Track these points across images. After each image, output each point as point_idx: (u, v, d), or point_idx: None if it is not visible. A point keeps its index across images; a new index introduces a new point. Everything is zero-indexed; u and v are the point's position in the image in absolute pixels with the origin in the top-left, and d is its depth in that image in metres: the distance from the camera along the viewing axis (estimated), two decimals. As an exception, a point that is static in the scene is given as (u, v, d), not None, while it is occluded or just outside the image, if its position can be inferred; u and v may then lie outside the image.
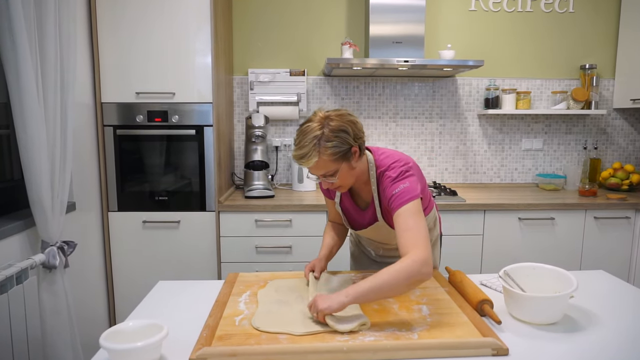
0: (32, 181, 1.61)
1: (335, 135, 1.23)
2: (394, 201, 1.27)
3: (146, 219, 2.39)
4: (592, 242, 2.50)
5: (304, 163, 1.24)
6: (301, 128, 1.27)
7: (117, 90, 2.31)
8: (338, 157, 1.24)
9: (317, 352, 1.00)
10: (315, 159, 1.22)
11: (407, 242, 1.19)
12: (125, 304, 2.45)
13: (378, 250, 1.62)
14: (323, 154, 1.22)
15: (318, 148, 1.22)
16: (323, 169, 1.26)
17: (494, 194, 2.70)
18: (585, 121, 3.01)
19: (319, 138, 1.22)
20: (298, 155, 1.24)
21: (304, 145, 1.22)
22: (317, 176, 1.31)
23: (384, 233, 1.46)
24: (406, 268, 1.12)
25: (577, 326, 1.17)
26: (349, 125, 1.26)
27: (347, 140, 1.25)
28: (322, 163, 1.24)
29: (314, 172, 1.29)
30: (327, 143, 1.22)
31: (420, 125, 2.98)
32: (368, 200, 1.43)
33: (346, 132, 1.25)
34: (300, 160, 1.24)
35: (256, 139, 2.65)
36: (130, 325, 1.02)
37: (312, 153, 1.21)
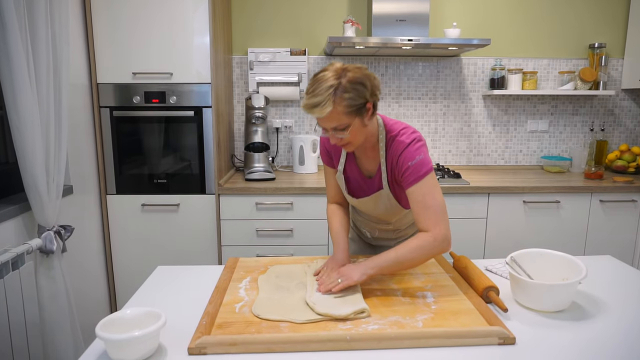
0: (26, 164, 1.57)
1: (352, 86, 1.16)
2: (411, 174, 1.24)
3: (145, 202, 2.36)
4: (597, 226, 2.46)
5: (316, 112, 1.16)
6: (315, 77, 1.19)
7: (113, 71, 2.25)
8: (352, 110, 1.18)
9: (319, 341, 0.98)
10: (329, 109, 1.15)
11: (428, 221, 1.22)
12: (125, 287, 2.44)
13: (374, 232, 1.58)
14: (338, 104, 1.16)
15: (333, 98, 1.15)
16: (335, 121, 1.19)
17: (498, 176, 2.65)
18: (592, 102, 2.95)
19: (336, 88, 1.15)
20: (311, 103, 1.16)
21: (318, 94, 1.15)
22: (326, 130, 1.24)
23: (385, 204, 1.40)
24: (427, 245, 1.20)
25: (584, 314, 1.14)
26: (367, 79, 1.20)
27: (363, 94, 1.18)
28: (336, 115, 1.17)
29: (324, 124, 1.22)
30: (344, 94, 1.16)
31: (423, 106, 2.92)
32: (373, 168, 1.38)
33: (364, 85, 1.18)
34: (313, 109, 1.16)
35: (256, 120, 2.60)
36: (128, 314, 1.00)
37: (327, 102, 1.15)
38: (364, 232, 1.62)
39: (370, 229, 1.58)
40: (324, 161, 1.49)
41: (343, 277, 1.16)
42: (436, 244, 1.19)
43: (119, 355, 0.91)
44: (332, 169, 1.47)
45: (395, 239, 1.59)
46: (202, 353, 0.96)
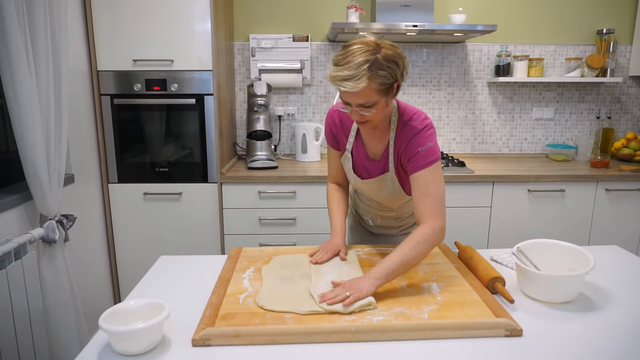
0: (26, 153, 1.55)
1: (387, 64, 1.12)
2: (418, 160, 1.23)
3: (147, 191, 2.35)
4: (602, 215, 2.45)
5: (347, 86, 1.11)
6: (349, 49, 1.13)
7: (114, 58, 2.22)
8: (383, 89, 1.14)
9: (324, 332, 0.97)
10: (364, 85, 1.10)
11: (427, 209, 1.21)
12: (128, 276, 2.44)
13: (376, 220, 1.57)
14: (373, 81, 1.11)
15: (369, 73, 1.10)
16: (365, 97, 1.14)
17: (503, 164, 2.63)
18: (599, 89, 2.91)
19: (372, 63, 1.10)
20: (344, 76, 1.10)
21: (352, 67, 1.09)
22: (348, 105, 1.19)
23: (389, 188, 1.39)
24: (428, 239, 1.18)
25: (591, 305, 1.13)
26: (400, 59, 1.16)
27: (395, 73, 1.14)
28: (367, 91, 1.13)
29: (350, 99, 1.16)
30: (379, 71, 1.11)
31: (427, 93, 2.88)
32: (379, 150, 1.35)
33: (397, 64, 1.14)
34: (345, 81, 1.10)
35: (258, 107, 2.57)
36: (131, 305, 0.99)
37: (362, 77, 1.09)
38: (366, 219, 1.60)
39: (372, 216, 1.57)
40: (327, 140, 1.47)
41: (352, 291, 1.08)
42: (434, 236, 1.18)
43: (122, 347, 0.90)
44: (335, 150, 1.46)
45: (397, 227, 1.58)
46: (206, 344, 0.95)
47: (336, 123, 1.42)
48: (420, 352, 0.94)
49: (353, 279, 1.14)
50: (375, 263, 1.34)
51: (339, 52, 1.16)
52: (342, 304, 1.05)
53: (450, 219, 2.40)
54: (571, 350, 0.94)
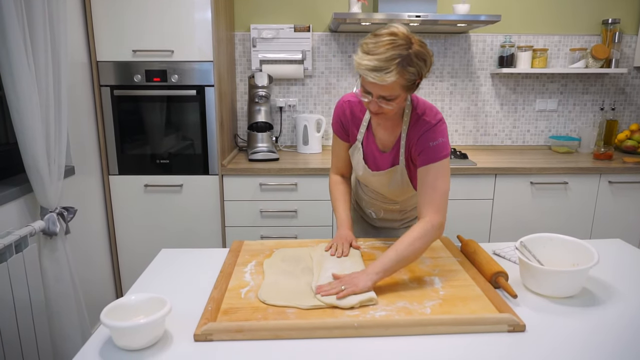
0: (26, 145, 1.54)
1: (417, 62, 1.10)
2: (429, 153, 1.23)
3: (148, 183, 2.34)
4: (605, 208, 2.44)
5: (376, 77, 1.08)
6: (381, 39, 1.09)
7: (113, 48, 2.19)
8: (409, 85, 1.13)
9: (326, 328, 0.96)
10: (394, 79, 1.08)
11: (430, 204, 1.22)
12: (129, 268, 2.44)
13: (379, 213, 1.56)
14: (402, 77, 1.09)
15: (399, 69, 1.08)
16: (390, 91, 1.12)
17: (505, 157, 2.61)
18: (603, 80, 2.88)
19: (403, 58, 1.08)
20: (373, 66, 1.07)
21: (384, 59, 1.07)
22: (368, 94, 1.16)
23: (397, 181, 1.38)
24: (426, 235, 1.18)
25: (595, 300, 1.12)
26: (429, 57, 1.14)
27: (421, 71, 1.13)
28: (394, 85, 1.11)
29: (374, 90, 1.14)
30: (409, 67, 1.09)
31: (430, 84, 2.85)
32: (389, 142, 1.35)
33: (425, 62, 1.13)
34: (374, 72, 1.08)
35: (259, 99, 2.55)
36: (133, 299, 0.98)
37: (393, 72, 1.07)
38: (368, 212, 1.60)
39: (375, 209, 1.56)
40: (334, 130, 1.45)
41: (347, 285, 1.08)
42: (433, 232, 1.19)
43: (124, 342, 0.90)
44: (343, 141, 1.45)
45: (400, 220, 1.57)
46: (208, 339, 0.95)
47: (347, 114, 1.40)
48: (422, 347, 0.94)
49: (352, 273, 1.14)
50: (377, 256, 1.34)
51: (368, 40, 1.12)
52: (336, 296, 1.06)
53: (452, 212, 2.40)
54: (574, 346, 0.94)
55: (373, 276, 1.11)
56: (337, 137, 1.46)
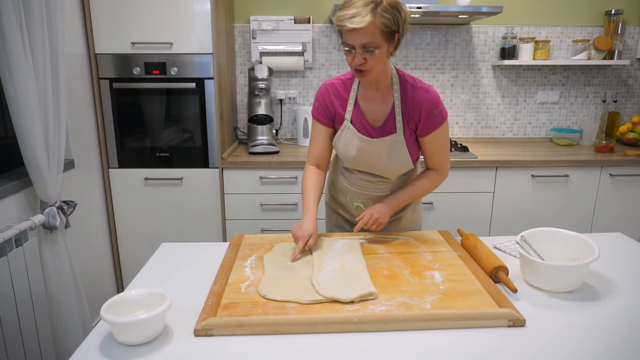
0: (25, 139, 1.53)
1: (391, 8, 1.20)
2: (434, 120, 1.34)
3: (148, 176, 2.34)
4: (606, 201, 2.43)
5: (355, 22, 1.17)
6: None
7: (111, 40, 2.18)
8: (387, 31, 1.21)
9: (326, 323, 0.97)
10: (370, 20, 1.17)
11: (441, 161, 1.44)
12: (130, 261, 2.45)
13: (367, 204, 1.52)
14: (377, 20, 1.18)
15: (374, 12, 1.17)
16: (369, 36, 1.19)
17: (506, 149, 2.60)
18: (605, 72, 2.86)
19: (377, 4, 1.18)
20: (349, 14, 1.17)
21: (359, 6, 1.17)
22: (352, 48, 1.22)
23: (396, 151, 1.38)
24: (437, 182, 1.47)
25: (595, 294, 1.12)
26: (403, 9, 1.23)
27: (397, 20, 1.21)
28: (372, 29, 1.18)
29: (355, 40, 1.20)
30: (384, 13, 1.19)
31: (431, 77, 2.84)
32: (381, 115, 1.38)
33: (399, 11, 1.22)
34: (352, 19, 1.17)
35: (259, 91, 2.53)
36: (133, 294, 0.99)
37: (368, 14, 1.16)
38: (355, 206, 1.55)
39: (363, 199, 1.53)
40: (316, 117, 1.45)
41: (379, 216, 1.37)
42: (442, 178, 1.47)
43: (124, 337, 0.90)
44: (325, 127, 1.44)
45: None
46: (208, 334, 0.95)
47: (331, 96, 1.42)
48: (422, 342, 0.94)
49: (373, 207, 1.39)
50: (378, 250, 1.34)
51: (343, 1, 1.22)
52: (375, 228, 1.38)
53: (452, 205, 2.40)
54: (574, 340, 0.94)
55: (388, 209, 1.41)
56: (318, 123, 1.46)
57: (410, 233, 1.48)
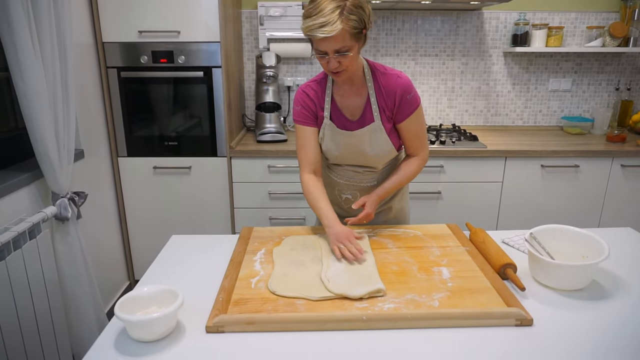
0: (35, 131, 1.54)
1: (356, 9, 1.20)
2: (408, 105, 1.36)
3: (157, 165, 2.35)
4: (616, 192, 2.41)
5: (325, 31, 1.17)
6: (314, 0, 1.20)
7: (119, 29, 2.16)
8: (355, 33, 1.22)
9: (336, 320, 0.98)
10: (340, 27, 1.17)
11: (419, 146, 1.46)
12: (140, 249, 2.48)
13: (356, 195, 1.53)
14: (346, 24, 1.18)
15: (341, 17, 1.17)
16: (341, 42, 1.20)
17: (516, 138, 2.58)
18: (620, 59, 2.80)
19: (342, 8, 1.18)
20: (318, 23, 1.17)
21: (326, 14, 1.17)
22: (325, 54, 1.23)
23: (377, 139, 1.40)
24: (419, 167, 1.47)
25: (603, 292, 1.12)
26: (365, 4, 1.24)
27: (363, 18, 1.23)
28: (342, 35, 1.19)
29: (327, 47, 1.21)
30: (350, 15, 1.19)
31: (441, 63, 2.80)
32: (358, 108, 1.41)
33: (363, 10, 1.23)
34: (322, 29, 1.17)
35: (267, 79, 2.52)
36: (145, 291, 1.00)
37: (337, 21, 1.16)
38: (344, 198, 1.56)
39: (352, 191, 1.54)
40: (300, 121, 1.44)
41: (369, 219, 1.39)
42: (423, 163, 1.48)
43: (138, 334, 0.92)
44: (312, 127, 1.44)
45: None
46: (220, 331, 0.97)
47: (311, 97, 1.44)
48: (430, 340, 0.95)
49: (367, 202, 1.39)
50: (387, 245, 1.35)
51: (308, 6, 1.21)
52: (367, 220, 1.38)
53: (460, 194, 2.39)
54: (581, 341, 0.94)
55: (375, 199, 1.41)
56: (305, 127, 1.44)
57: (418, 227, 1.49)
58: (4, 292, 1.37)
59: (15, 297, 1.42)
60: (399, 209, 1.60)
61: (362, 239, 1.35)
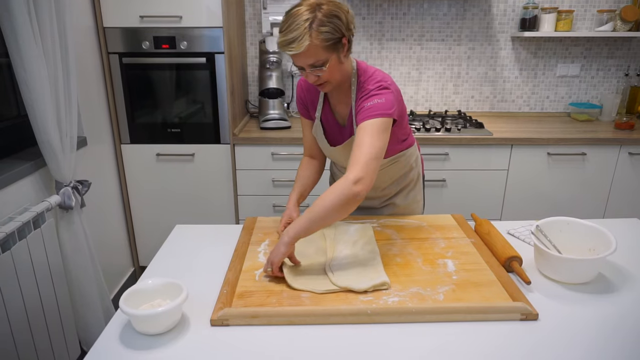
0: (37, 119, 1.53)
1: (328, 20, 1.14)
2: (362, 113, 1.21)
3: (160, 152, 2.34)
4: (623, 181, 2.38)
5: (293, 48, 1.13)
6: (289, 12, 1.16)
7: (120, 14, 2.13)
8: (330, 44, 1.16)
9: (340, 314, 0.98)
10: (307, 43, 1.12)
11: (352, 161, 1.14)
12: (144, 236, 2.49)
13: None
14: (315, 38, 1.13)
15: (310, 32, 1.12)
16: (313, 57, 1.16)
17: (522, 125, 2.54)
18: (630, 44, 2.74)
19: (311, 21, 1.13)
20: (287, 40, 1.13)
21: (294, 29, 1.12)
22: (302, 68, 1.20)
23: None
24: (338, 189, 1.10)
25: (609, 286, 1.12)
26: (342, 12, 1.17)
27: (339, 27, 1.16)
28: (313, 49, 1.14)
29: (300, 62, 1.18)
30: (321, 27, 1.13)
31: (447, 48, 2.75)
32: (345, 114, 1.37)
33: (339, 18, 1.16)
34: (290, 45, 1.13)
35: (271, 65, 2.48)
36: (150, 284, 1.00)
37: (304, 36, 1.12)
38: None
39: None
40: (300, 112, 1.47)
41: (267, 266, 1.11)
42: (346, 185, 1.09)
43: (143, 328, 0.93)
44: (308, 120, 1.46)
45: (378, 198, 1.54)
46: (225, 324, 0.97)
47: (305, 93, 1.42)
48: (434, 333, 0.95)
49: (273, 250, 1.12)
50: (391, 236, 1.34)
51: (283, 19, 1.17)
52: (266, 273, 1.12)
53: (465, 182, 2.38)
54: (587, 335, 0.94)
55: (285, 239, 1.11)
56: (302, 117, 1.47)
57: (423, 217, 1.48)
58: (10, 283, 1.38)
59: (22, 286, 1.43)
60: (405, 205, 1.54)
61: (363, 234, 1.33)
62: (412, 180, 1.54)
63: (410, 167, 1.51)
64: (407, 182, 1.52)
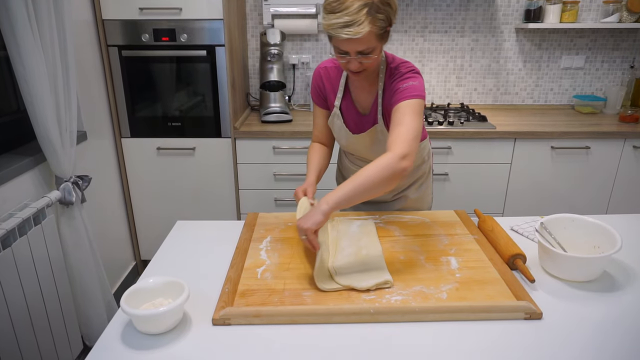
0: (36, 115, 1.52)
1: (383, 7, 1.09)
2: (399, 94, 1.19)
3: (160, 146, 2.32)
4: (627, 175, 2.37)
5: (350, 32, 1.06)
6: None
7: (119, 5, 2.10)
8: (382, 33, 1.12)
9: (343, 313, 0.97)
10: (367, 29, 1.07)
11: (394, 138, 1.12)
12: (145, 230, 2.49)
13: None
14: (374, 25, 1.08)
15: (370, 17, 1.07)
16: (366, 43, 1.10)
17: (526, 118, 2.52)
18: (636, 35, 2.70)
19: (371, 6, 1.07)
20: (342, 23, 1.06)
21: (352, 12, 1.05)
22: (345, 54, 1.14)
23: (380, 141, 1.36)
24: (384, 162, 1.07)
25: (614, 284, 1.11)
26: (394, 1, 1.13)
27: (390, 16, 1.12)
28: (369, 36, 1.09)
29: (350, 48, 1.12)
30: (378, 14, 1.08)
31: (450, 40, 2.71)
32: (368, 103, 1.34)
33: (391, 6, 1.12)
34: (346, 29, 1.06)
35: (272, 57, 2.46)
36: (151, 283, 0.99)
37: (364, 22, 1.06)
38: None
39: None
40: (313, 98, 1.44)
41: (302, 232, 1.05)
42: (393, 160, 1.07)
43: (144, 328, 0.92)
44: (322, 109, 1.43)
45: (391, 191, 1.51)
46: (226, 324, 0.97)
47: (323, 81, 1.39)
48: (438, 332, 0.94)
49: (306, 215, 1.07)
50: (394, 233, 1.33)
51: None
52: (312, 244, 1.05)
53: (468, 176, 2.36)
54: (591, 335, 0.93)
55: (323, 207, 1.05)
56: (316, 105, 1.44)
57: (426, 213, 1.46)
58: (11, 279, 1.38)
59: (23, 283, 1.43)
60: (416, 198, 1.53)
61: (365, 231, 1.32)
62: (424, 173, 1.54)
63: (422, 160, 1.51)
64: (419, 174, 1.52)
